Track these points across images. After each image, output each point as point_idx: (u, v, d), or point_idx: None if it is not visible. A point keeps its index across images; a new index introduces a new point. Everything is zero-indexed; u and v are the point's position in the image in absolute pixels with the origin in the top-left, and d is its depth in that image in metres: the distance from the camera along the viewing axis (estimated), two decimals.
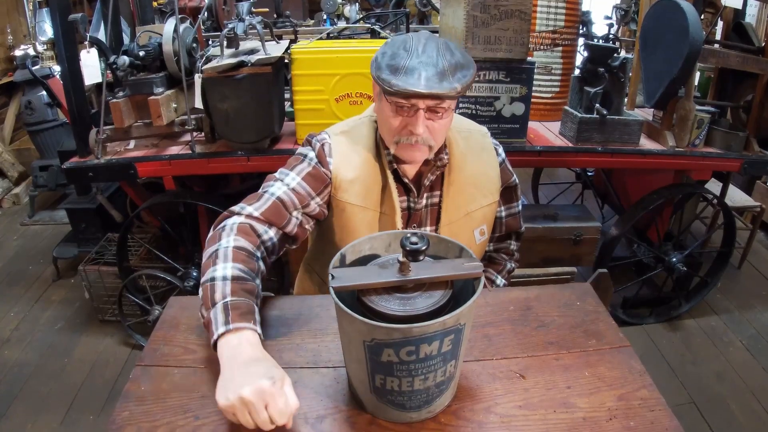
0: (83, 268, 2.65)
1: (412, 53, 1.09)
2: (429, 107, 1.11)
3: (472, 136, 1.34)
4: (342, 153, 1.24)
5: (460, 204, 1.30)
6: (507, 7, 2.07)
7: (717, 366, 2.52)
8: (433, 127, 1.15)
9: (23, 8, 4.78)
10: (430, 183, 1.28)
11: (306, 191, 1.20)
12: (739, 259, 3.31)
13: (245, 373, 0.83)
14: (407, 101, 1.10)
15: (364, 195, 1.24)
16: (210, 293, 0.97)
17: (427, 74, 1.06)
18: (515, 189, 1.43)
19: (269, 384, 0.81)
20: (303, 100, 2.20)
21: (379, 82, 1.10)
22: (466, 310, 0.77)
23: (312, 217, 1.24)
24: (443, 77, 1.07)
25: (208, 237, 1.11)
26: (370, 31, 2.67)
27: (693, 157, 2.42)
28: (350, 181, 1.23)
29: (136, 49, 2.17)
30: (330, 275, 0.82)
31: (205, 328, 0.95)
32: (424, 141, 1.15)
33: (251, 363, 0.86)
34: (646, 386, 0.93)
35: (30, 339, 2.70)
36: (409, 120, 1.13)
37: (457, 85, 1.08)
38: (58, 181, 3.74)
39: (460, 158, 1.28)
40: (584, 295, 1.19)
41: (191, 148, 2.26)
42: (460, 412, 0.88)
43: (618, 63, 2.26)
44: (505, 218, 1.45)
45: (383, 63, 1.11)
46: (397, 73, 1.07)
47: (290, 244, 1.23)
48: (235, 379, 0.83)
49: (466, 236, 1.33)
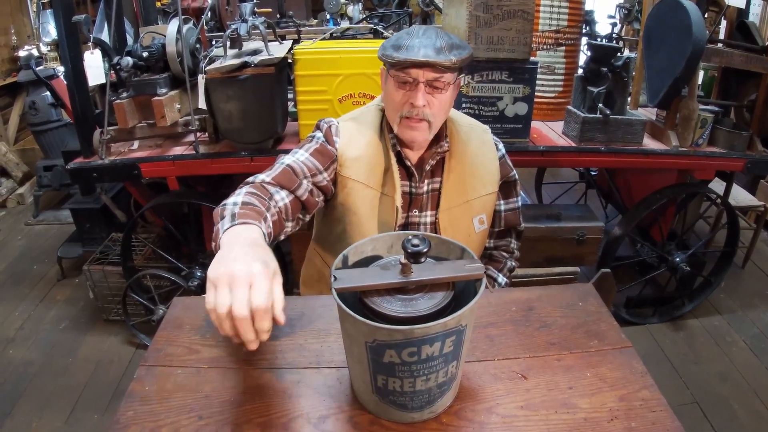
0: (87, 267, 2.66)
1: (414, 36, 1.21)
2: (429, 81, 1.20)
3: (473, 131, 1.41)
4: (348, 135, 1.33)
5: (460, 191, 1.36)
6: (510, 7, 2.07)
7: (720, 366, 2.52)
8: (432, 103, 1.23)
9: (27, 9, 4.80)
10: (431, 168, 1.35)
11: (314, 165, 1.27)
12: (743, 259, 3.30)
13: (242, 252, 0.85)
14: (408, 75, 1.20)
15: (368, 174, 1.31)
16: (219, 215, 1.02)
17: (426, 50, 1.17)
18: (515, 184, 1.48)
19: (261, 267, 0.82)
20: (306, 100, 2.20)
21: (383, 58, 1.22)
22: (468, 312, 0.77)
23: (320, 189, 1.29)
24: (440, 52, 1.17)
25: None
26: (373, 32, 2.67)
27: (696, 156, 2.42)
28: (355, 158, 1.31)
29: (139, 49, 2.18)
30: (332, 276, 0.83)
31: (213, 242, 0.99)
32: (425, 115, 1.23)
33: (251, 246, 0.88)
34: (648, 387, 0.93)
35: (34, 338, 2.71)
36: (411, 94, 1.22)
37: (452, 58, 1.17)
38: (62, 181, 3.76)
39: (460, 148, 1.36)
40: (586, 295, 1.19)
41: (195, 149, 2.27)
42: (462, 413, 0.89)
43: (621, 62, 2.26)
44: (504, 212, 1.48)
45: (388, 44, 1.23)
46: (399, 50, 1.19)
47: (302, 215, 1.26)
48: (230, 254, 0.84)
49: (466, 223, 1.38)
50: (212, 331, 1.08)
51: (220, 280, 0.80)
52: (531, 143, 2.38)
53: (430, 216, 1.38)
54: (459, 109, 2.19)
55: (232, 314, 0.78)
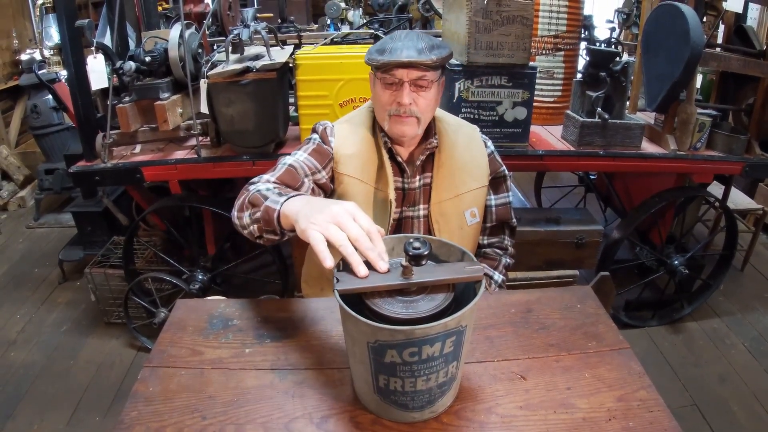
0: (89, 270, 2.67)
1: (396, 39, 1.29)
2: (413, 81, 1.28)
3: (462, 129, 1.48)
4: (343, 135, 1.41)
5: (450, 185, 1.42)
6: (509, 12, 2.08)
7: (719, 368, 2.53)
8: (418, 100, 1.30)
9: (29, 12, 4.81)
10: (421, 163, 1.42)
11: (313, 164, 1.34)
12: (742, 262, 3.31)
13: (326, 203, 0.92)
14: (393, 76, 1.28)
15: (362, 170, 1.38)
16: (254, 201, 1.10)
17: (408, 52, 1.24)
18: (505, 180, 1.54)
19: (353, 204, 0.90)
20: (307, 105, 2.22)
21: (370, 62, 1.30)
22: (468, 313, 0.79)
23: (320, 186, 1.35)
24: (421, 53, 1.25)
25: (235, 204, 1.20)
26: (374, 37, 2.69)
27: (694, 160, 2.43)
28: (349, 155, 1.38)
29: (142, 54, 2.20)
30: (335, 278, 0.84)
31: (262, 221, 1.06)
32: (412, 112, 1.30)
33: (327, 202, 0.93)
34: (645, 387, 0.95)
35: (36, 341, 2.72)
36: (397, 93, 1.30)
37: (433, 57, 1.25)
38: (63, 184, 3.77)
39: (449, 144, 1.43)
40: (585, 297, 1.20)
41: (197, 153, 2.29)
42: (462, 413, 0.90)
43: (620, 67, 2.27)
44: (495, 207, 1.53)
45: (373, 50, 1.31)
46: (384, 53, 1.27)
47: None
48: (317, 207, 0.91)
49: (457, 216, 1.44)
50: (215, 332, 1.09)
51: (325, 224, 0.86)
52: (530, 147, 2.39)
53: (422, 210, 1.44)
54: (459, 113, 2.20)
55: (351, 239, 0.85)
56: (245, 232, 1.15)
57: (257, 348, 1.04)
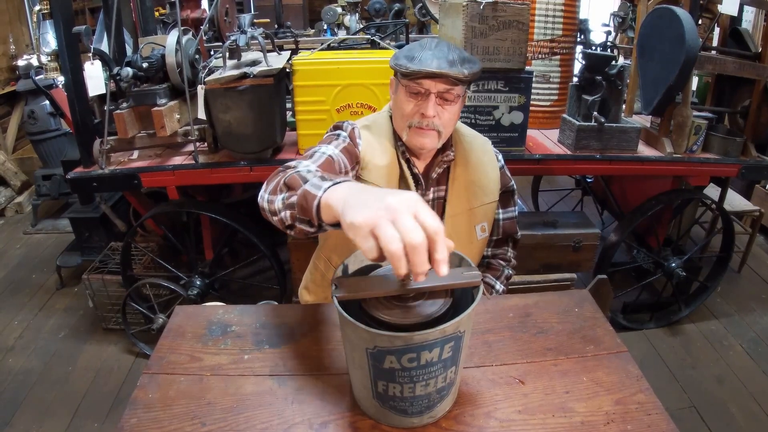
0: (87, 276, 2.67)
1: (426, 48, 1.23)
2: (440, 93, 1.23)
3: (476, 141, 1.45)
4: (367, 140, 1.34)
5: (464, 199, 1.39)
6: (505, 17, 2.09)
7: (717, 370, 2.53)
8: (442, 114, 1.25)
9: (26, 18, 4.82)
10: (437, 176, 1.38)
11: (344, 162, 1.26)
12: (739, 263, 3.32)
13: (379, 191, 0.75)
14: (421, 85, 1.22)
15: (387, 179, 1.33)
16: (293, 181, 0.95)
17: (439, 62, 1.19)
18: (513, 194, 1.52)
19: (416, 195, 0.73)
20: (304, 110, 2.22)
21: (397, 68, 1.24)
22: (466, 318, 0.79)
23: None
24: (453, 65, 1.20)
25: (266, 184, 1.06)
26: (370, 42, 2.69)
27: (691, 163, 2.45)
28: (375, 164, 1.33)
29: (139, 60, 2.20)
30: (333, 285, 0.84)
31: (297, 208, 0.90)
32: (434, 125, 1.25)
33: (383, 190, 0.76)
34: (643, 390, 0.95)
35: (34, 347, 2.72)
36: (422, 104, 1.25)
37: (465, 71, 1.20)
38: (60, 190, 3.76)
39: (464, 157, 1.39)
40: (582, 301, 1.21)
41: (194, 159, 2.29)
42: (461, 417, 0.90)
43: (615, 71, 2.28)
44: (503, 221, 1.52)
45: (401, 55, 1.25)
46: (413, 60, 1.21)
47: None
48: (369, 196, 0.74)
49: (468, 231, 1.41)
50: (214, 338, 1.09)
51: (380, 218, 0.69)
52: (527, 151, 2.40)
53: None
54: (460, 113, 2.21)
55: (406, 245, 0.68)
56: (275, 218, 0.99)
57: (256, 354, 1.04)
